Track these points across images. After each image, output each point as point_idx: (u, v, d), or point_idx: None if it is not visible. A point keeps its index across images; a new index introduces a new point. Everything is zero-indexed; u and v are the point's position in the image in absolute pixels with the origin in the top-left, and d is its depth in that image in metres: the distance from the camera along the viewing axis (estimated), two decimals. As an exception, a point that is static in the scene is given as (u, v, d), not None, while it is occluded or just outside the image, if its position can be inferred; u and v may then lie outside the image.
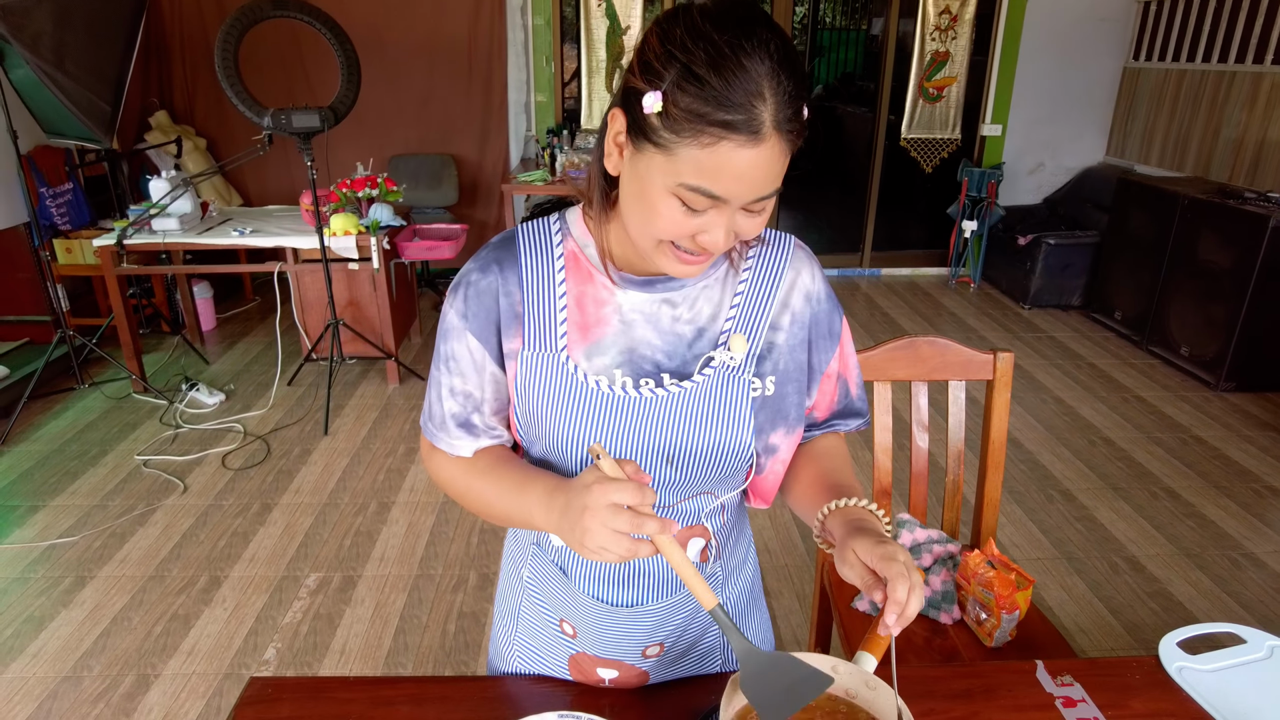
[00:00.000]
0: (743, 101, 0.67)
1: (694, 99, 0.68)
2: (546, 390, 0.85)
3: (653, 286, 0.87)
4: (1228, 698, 1.00)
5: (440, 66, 4.98)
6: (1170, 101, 4.86)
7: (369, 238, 3.53)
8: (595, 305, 0.86)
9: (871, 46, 5.85)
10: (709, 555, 0.96)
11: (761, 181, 0.71)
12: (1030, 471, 3.12)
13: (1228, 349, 3.76)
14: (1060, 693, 1.00)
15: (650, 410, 0.84)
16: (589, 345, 0.86)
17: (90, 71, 3.37)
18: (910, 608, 0.74)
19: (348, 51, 3.28)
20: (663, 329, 0.87)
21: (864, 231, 5.71)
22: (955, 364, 1.62)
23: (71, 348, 3.59)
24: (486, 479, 0.89)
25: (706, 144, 0.68)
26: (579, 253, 0.87)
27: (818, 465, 0.94)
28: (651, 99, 0.70)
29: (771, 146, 0.69)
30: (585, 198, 0.87)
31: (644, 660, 0.98)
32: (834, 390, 0.97)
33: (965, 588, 1.51)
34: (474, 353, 0.87)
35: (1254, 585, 2.47)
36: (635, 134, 0.73)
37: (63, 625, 2.26)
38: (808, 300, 0.91)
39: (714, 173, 0.70)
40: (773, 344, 0.89)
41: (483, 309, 0.86)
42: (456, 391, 0.89)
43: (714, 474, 0.88)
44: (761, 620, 1.11)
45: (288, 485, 2.98)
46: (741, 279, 0.89)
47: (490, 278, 0.86)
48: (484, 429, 0.91)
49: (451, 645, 2.21)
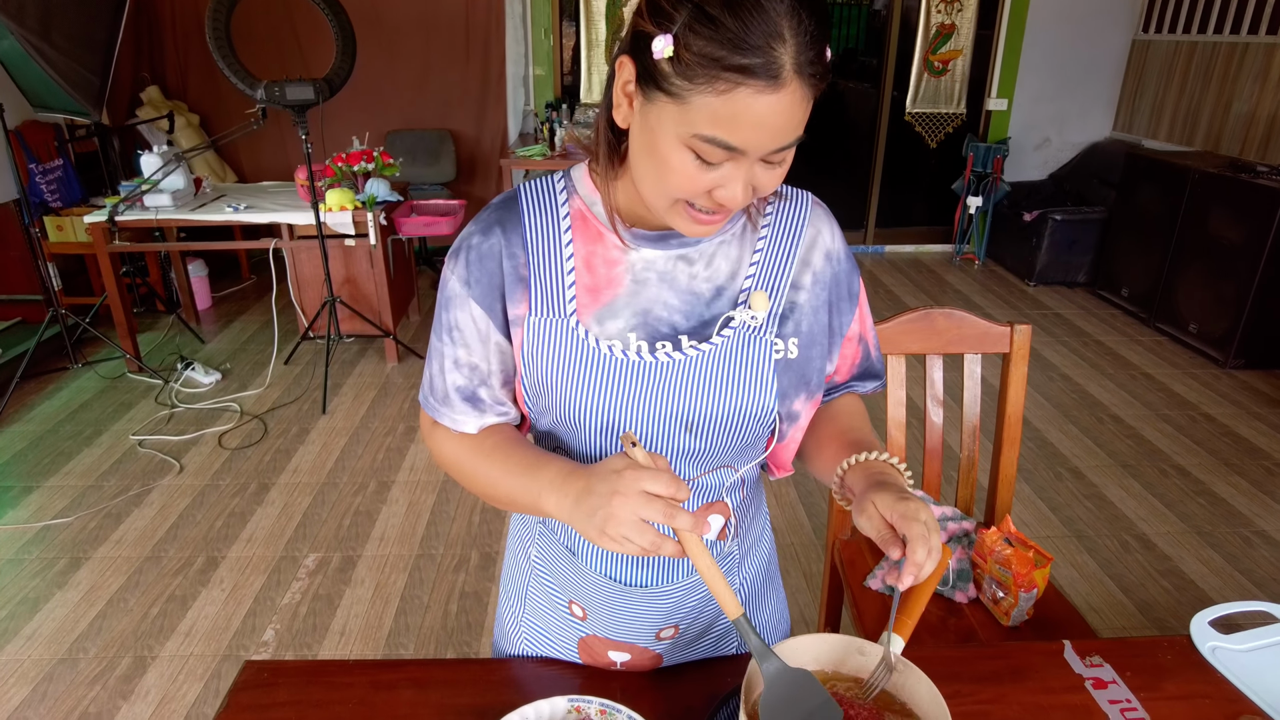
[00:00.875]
0: (760, 43, 0.62)
1: (708, 42, 0.62)
2: (556, 358, 0.80)
3: (667, 242, 0.81)
4: (1263, 678, 0.96)
5: (437, 40, 4.89)
6: (1180, 75, 4.78)
7: (365, 213, 3.46)
8: (606, 265, 0.81)
9: (874, 22, 5.76)
10: (728, 533, 0.92)
11: (782, 130, 0.66)
12: (1038, 449, 3.08)
13: (1237, 326, 3.71)
14: (1090, 674, 0.96)
15: (667, 375, 0.79)
16: (600, 309, 0.81)
17: (77, 42, 3.29)
18: (925, 570, 0.72)
19: (342, 22, 3.20)
20: (679, 288, 0.82)
21: (867, 208, 5.64)
22: (971, 336, 1.57)
23: (64, 327, 3.54)
24: (492, 459, 0.84)
25: (722, 90, 0.63)
26: (586, 211, 0.82)
27: (837, 423, 0.91)
28: (662, 43, 0.64)
29: (792, 92, 0.64)
30: (591, 153, 0.81)
31: (658, 643, 0.93)
32: (855, 353, 0.93)
33: (981, 566, 1.47)
34: (478, 321, 0.82)
35: (1266, 563, 2.44)
36: (645, 82, 0.68)
37: (58, 607, 2.23)
38: (828, 259, 0.87)
39: (730, 122, 0.64)
40: (795, 304, 0.84)
41: (485, 274, 0.81)
42: (461, 363, 0.84)
43: (735, 442, 0.83)
44: (778, 598, 1.08)
45: (285, 465, 2.93)
46: (761, 235, 0.84)
47: (493, 240, 0.81)
48: (491, 404, 0.86)
49: (454, 626, 2.18)
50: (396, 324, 3.84)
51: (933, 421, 1.60)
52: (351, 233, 3.50)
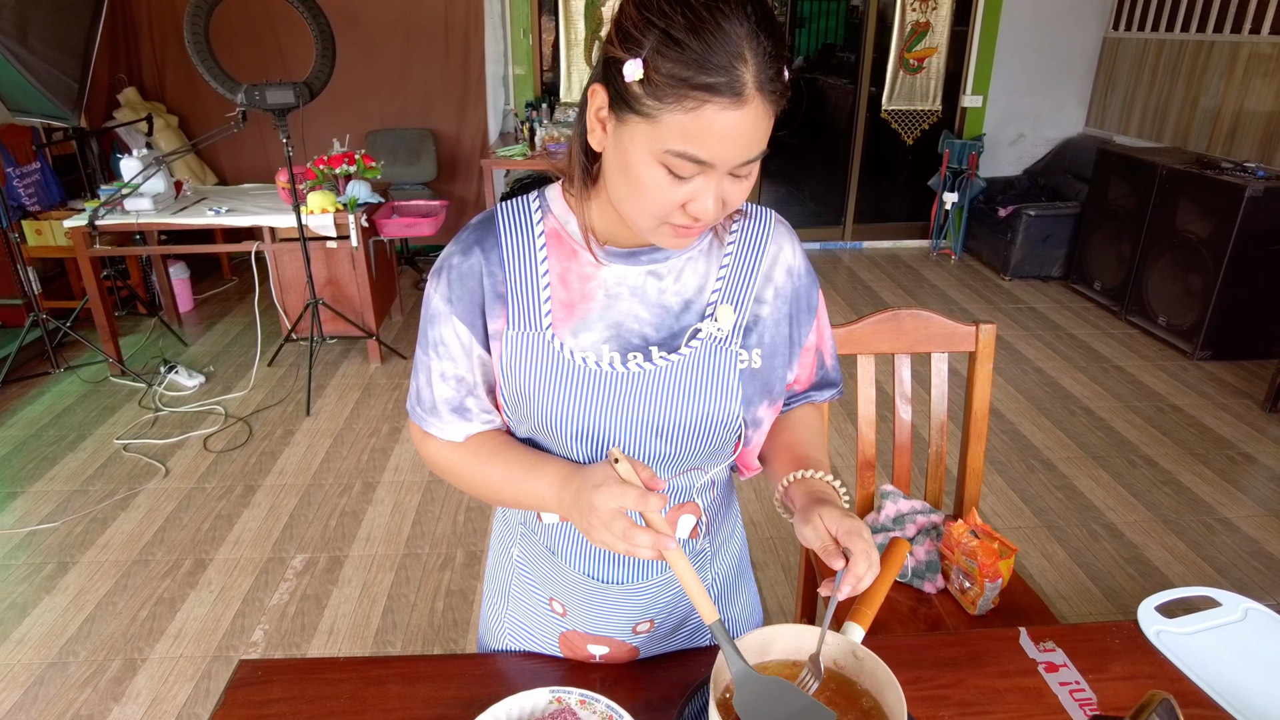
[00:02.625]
0: (724, 64, 0.66)
1: (675, 64, 0.67)
2: (533, 370, 0.84)
3: (637, 259, 0.86)
4: (1204, 659, 1.02)
5: (417, 40, 4.89)
6: (1150, 71, 4.87)
7: (347, 215, 3.48)
8: (580, 281, 0.86)
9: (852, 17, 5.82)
10: (699, 532, 0.97)
11: (747, 144, 0.71)
12: (1011, 441, 3.16)
13: (1204, 318, 3.81)
14: (1043, 658, 1.02)
15: (639, 385, 0.84)
16: (575, 322, 0.85)
17: (55, 46, 3.29)
18: (864, 583, 0.78)
19: (322, 25, 3.21)
20: (649, 301, 0.86)
21: (846, 204, 5.71)
22: (938, 336, 1.62)
23: (45, 331, 3.54)
24: (493, 464, 0.89)
25: (690, 108, 0.68)
26: (560, 229, 0.86)
27: (790, 435, 0.96)
28: (633, 67, 0.69)
29: (755, 108, 0.69)
30: (566, 175, 0.86)
31: (634, 636, 0.98)
32: (813, 363, 0.99)
33: (949, 557, 1.53)
34: (461, 337, 0.87)
35: (1227, 549, 2.52)
36: (618, 105, 0.72)
37: (46, 611, 2.25)
38: (789, 274, 0.92)
39: (699, 136, 0.69)
40: (758, 317, 0.89)
41: (466, 292, 0.85)
42: (448, 376, 0.89)
43: (704, 447, 0.88)
44: (750, 594, 1.12)
45: (271, 467, 2.96)
46: (726, 251, 0.89)
47: (472, 260, 0.85)
48: (478, 412, 0.91)
49: (440, 623, 2.22)
50: (379, 325, 3.87)
51: (902, 418, 1.65)
52: (333, 235, 3.52)
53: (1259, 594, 2.32)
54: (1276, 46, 3.96)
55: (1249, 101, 4.13)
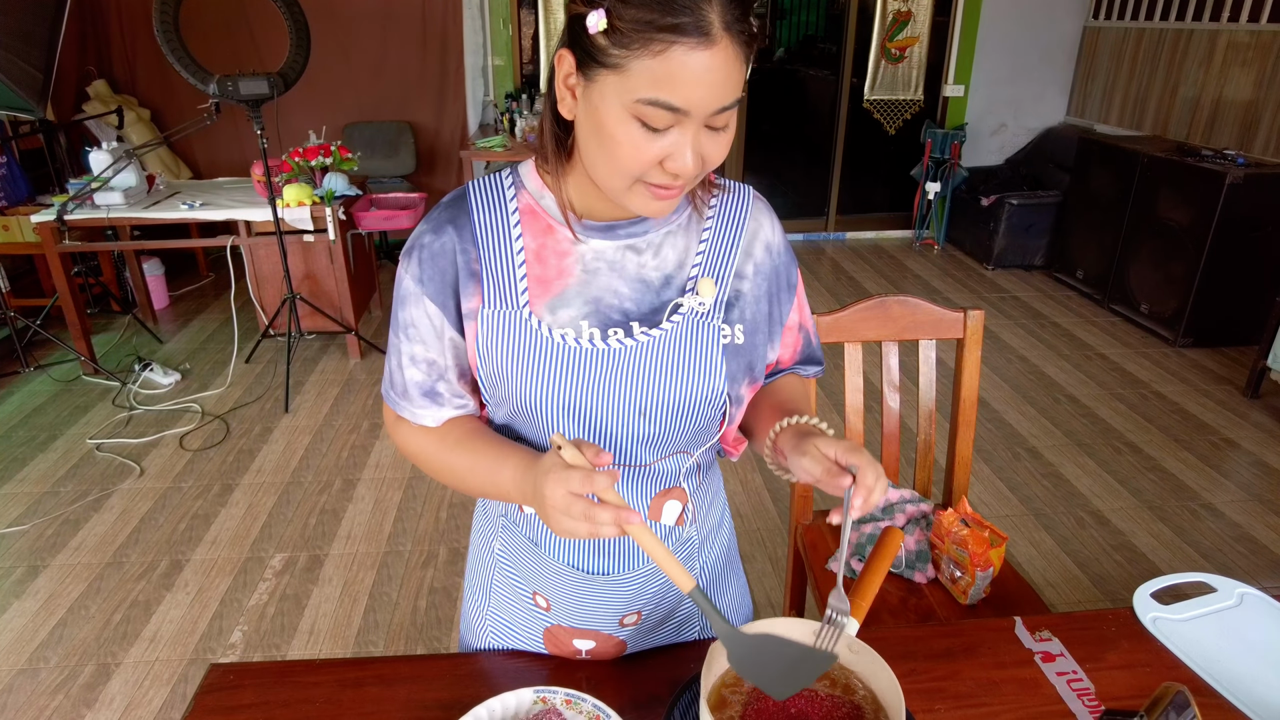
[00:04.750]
0: (688, 3, 0.65)
1: (638, 8, 0.66)
2: (510, 348, 0.82)
3: (615, 232, 0.83)
4: (1201, 646, 1.00)
5: (394, 30, 4.82)
6: (1130, 60, 4.89)
7: (324, 208, 3.42)
8: (556, 257, 0.83)
9: (833, 9, 5.80)
10: (685, 519, 0.94)
11: (720, 88, 0.68)
12: (997, 430, 3.15)
13: (1186, 305, 3.83)
14: (1039, 648, 1.00)
15: (620, 361, 0.81)
16: (552, 298, 0.83)
17: (18, 36, 3.19)
18: (874, 497, 0.75)
19: (296, 14, 3.14)
20: (629, 276, 0.84)
21: (829, 195, 5.69)
22: (926, 323, 1.60)
23: (14, 330, 3.45)
24: (458, 453, 0.87)
25: (658, 51, 0.66)
26: (535, 205, 0.84)
27: (776, 397, 0.94)
28: (595, 17, 0.67)
29: (724, 49, 0.67)
30: (539, 152, 0.83)
31: (621, 629, 0.95)
32: (796, 340, 0.98)
33: (939, 547, 1.50)
34: (432, 318, 0.84)
35: (1212, 534, 2.53)
36: (585, 65, 0.70)
37: (16, 617, 2.18)
38: (768, 252, 0.90)
39: (669, 81, 0.67)
40: (739, 292, 0.87)
41: (438, 271, 0.83)
42: (419, 359, 0.86)
43: (689, 425, 0.85)
44: (739, 584, 1.10)
45: (249, 465, 2.90)
46: (706, 225, 0.87)
47: (444, 238, 0.83)
48: (450, 397, 0.88)
49: (423, 621, 2.18)
50: (358, 319, 3.81)
51: (889, 407, 1.63)
52: (310, 229, 3.46)
53: (1244, 578, 2.31)
54: (1254, 35, 3.98)
55: (1228, 90, 4.15)
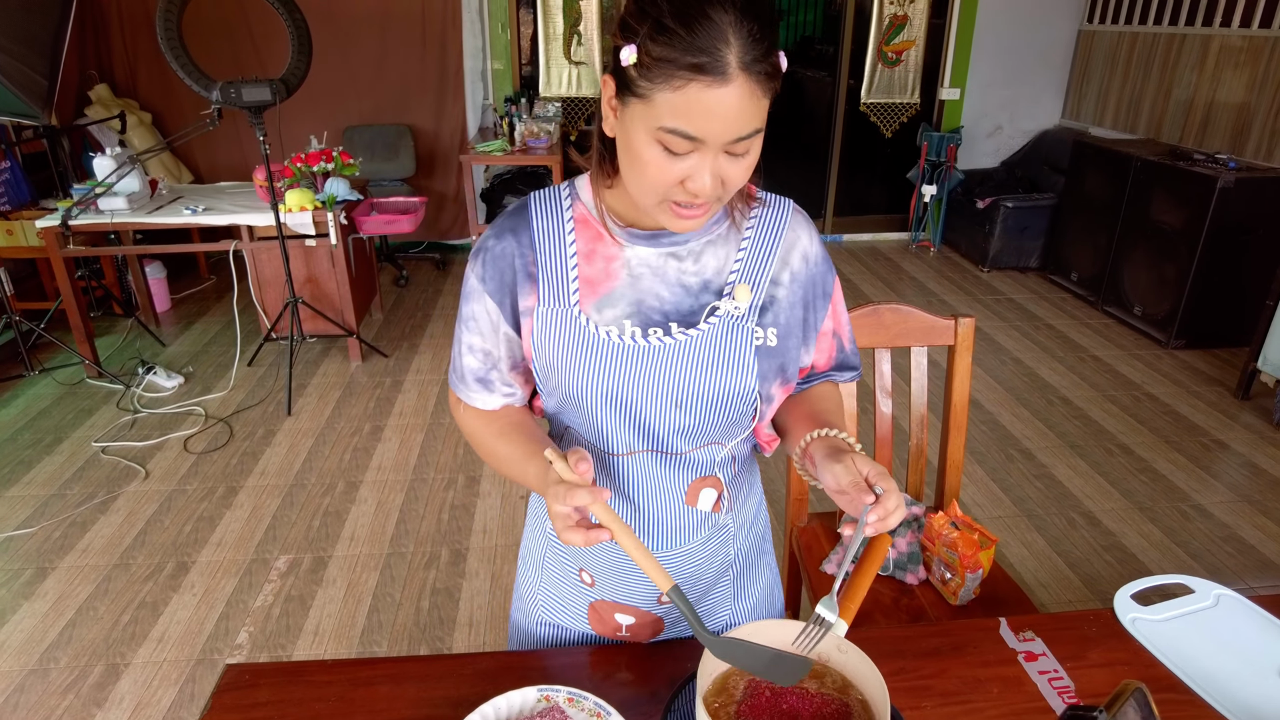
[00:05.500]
0: (707, 46, 0.71)
1: (664, 48, 0.73)
2: (561, 342, 0.90)
3: (658, 241, 0.91)
4: (1178, 645, 1.04)
5: (393, 34, 4.85)
6: (1124, 64, 4.93)
7: (326, 213, 3.45)
8: (605, 261, 0.92)
9: (831, 9, 5.83)
10: (721, 506, 1.01)
11: (734, 120, 0.75)
12: (991, 432, 3.20)
13: (1178, 307, 3.87)
14: (1023, 648, 1.04)
15: (659, 357, 0.89)
16: (599, 298, 0.91)
17: (24, 43, 3.23)
18: (890, 520, 0.81)
19: (297, 21, 3.17)
20: (669, 281, 0.92)
21: (826, 197, 5.73)
22: (918, 330, 1.64)
23: (19, 333, 3.48)
24: (500, 441, 0.97)
25: (678, 86, 0.73)
26: (588, 214, 0.93)
27: (812, 405, 1.01)
28: (628, 52, 0.75)
29: (740, 86, 0.73)
30: (589, 165, 0.92)
31: (659, 607, 1.03)
32: (831, 346, 1.04)
33: (930, 549, 1.55)
34: (490, 313, 0.93)
35: (1201, 535, 2.57)
36: (622, 92, 0.79)
37: (26, 618, 2.22)
38: (805, 260, 0.96)
39: (686, 113, 0.74)
40: (774, 297, 0.94)
41: (498, 273, 0.92)
42: (475, 349, 0.96)
43: (721, 418, 0.92)
44: (771, 573, 1.17)
45: (252, 467, 2.94)
46: (745, 236, 0.94)
47: (505, 243, 0.92)
48: (500, 385, 0.98)
49: (426, 622, 2.22)
50: (359, 322, 3.84)
51: (882, 411, 1.67)
52: (312, 233, 3.49)
53: (1231, 578, 2.37)
54: (1246, 39, 4.03)
55: (1220, 93, 4.20)
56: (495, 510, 2.70)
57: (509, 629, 1.19)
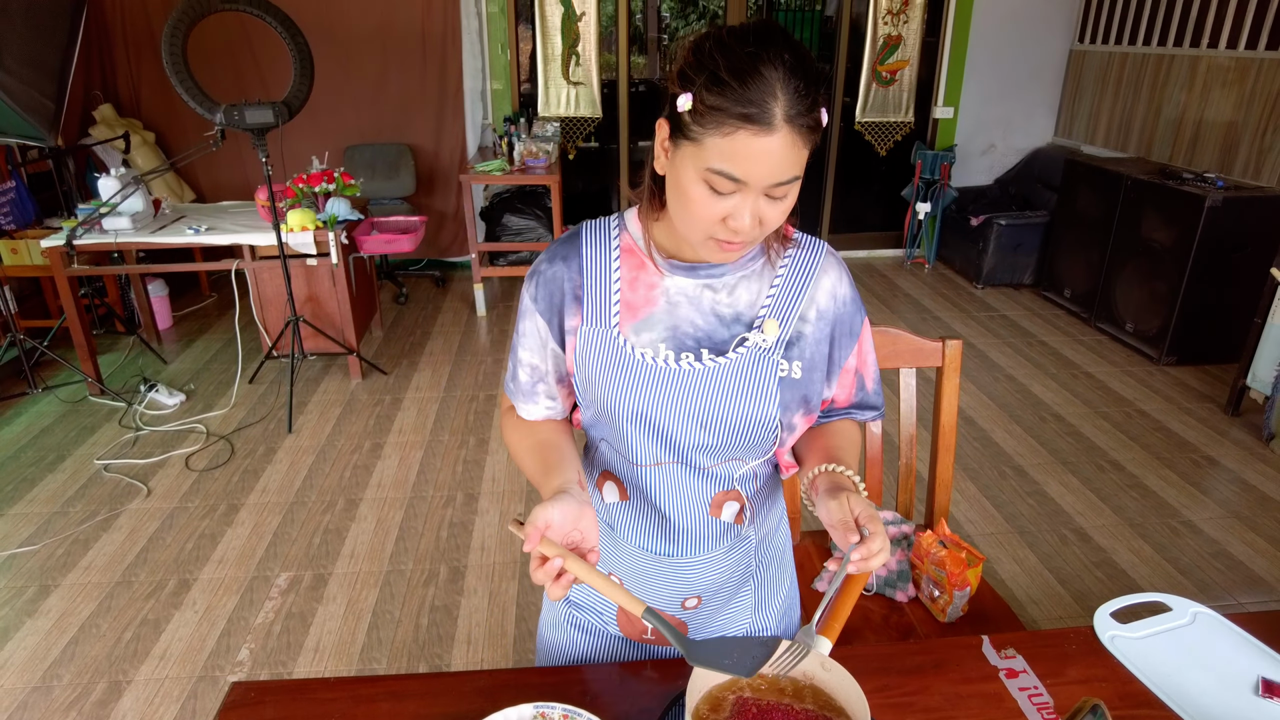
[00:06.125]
0: (757, 99, 0.79)
1: (718, 98, 0.80)
2: (600, 360, 0.97)
3: (696, 272, 0.98)
4: (1154, 662, 1.08)
5: (394, 55, 4.92)
6: (1114, 83, 5.00)
7: (327, 233, 3.50)
8: (646, 289, 0.99)
9: (826, 27, 5.92)
10: (744, 518, 1.06)
11: (777, 167, 0.82)
12: (984, 448, 3.23)
13: (1169, 324, 3.92)
14: (1004, 665, 1.07)
15: (688, 381, 0.96)
16: (638, 322, 0.98)
17: (31, 66, 3.28)
18: (873, 562, 0.87)
19: (300, 45, 3.23)
20: (704, 310, 0.98)
21: (821, 214, 5.79)
22: (906, 352, 1.68)
23: (22, 351, 3.52)
24: (531, 454, 1.04)
25: (727, 133, 0.80)
26: (634, 244, 1.00)
27: (827, 440, 1.06)
28: (684, 100, 0.83)
29: (784, 136, 0.80)
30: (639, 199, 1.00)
31: (683, 611, 1.09)
32: (852, 384, 1.08)
33: (919, 567, 1.58)
34: (539, 330, 1.02)
35: (1191, 551, 2.60)
36: (675, 135, 0.86)
37: (29, 635, 2.25)
38: (834, 299, 1.02)
39: (733, 157, 0.81)
40: (801, 333, 1.00)
41: (548, 294, 1.00)
42: (524, 363, 1.05)
43: (741, 441, 0.98)
44: (791, 585, 1.22)
45: (254, 485, 2.97)
46: (778, 274, 1.00)
47: (556, 267, 1.00)
48: (544, 397, 1.06)
49: (425, 639, 2.24)
50: (359, 340, 3.88)
51: (872, 432, 1.71)
52: (313, 252, 3.54)
53: (1220, 594, 2.40)
54: (1234, 60, 4.09)
55: (1208, 113, 4.26)
56: (493, 528, 2.73)
57: (537, 637, 1.24)
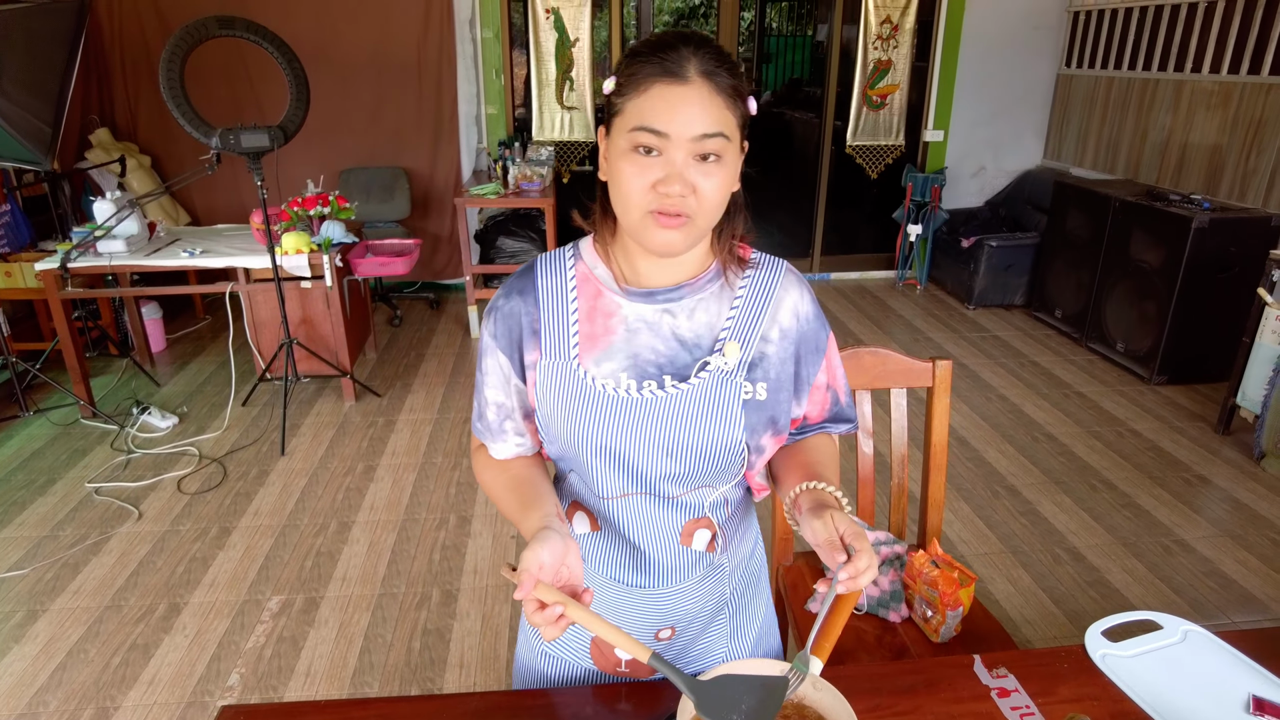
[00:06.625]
0: (670, 56, 0.84)
1: (635, 65, 0.86)
2: (561, 394, 0.96)
3: (654, 298, 0.97)
4: (1145, 680, 1.08)
5: (389, 79, 4.97)
6: (1101, 106, 5.07)
7: (321, 255, 3.51)
8: (604, 317, 0.98)
9: (818, 52, 6.00)
10: (716, 546, 1.05)
11: (696, 118, 0.84)
12: (977, 469, 3.24)
13: (1159, 344, 3.95)
14: (995, 684, 1.07)
15: (652, 409, 0.94)
16: (598, 353, 0.97)
17: (30, 91, 3.30)
18: (861, 580, 0.86)
19: (296, 70, 3.26)
20: (664, 336, 0.97)
21: (813, 236, 5.83)
22: (896, 372, 1.69)
23: (14, 374, 3.51)
24: (505, 492, 1.03)
25: (644, 89, 0.85)
26: (589, 273, 0.99)
27: (805, 456, 1.05)
28: (609, 82, 0.90)
29: (698, 88, 0.84)
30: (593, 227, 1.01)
31: (656, 643, 1.07)
32: (824, 399, 1.08)
33: (912, 587, 1.58)
34: (502, 367, 1.01)
35: (1184, 570, 2.61)
36: (607, 123, 0.90)
37: (15, 661, 2.22)
38: (797, 318, 1.01)
39: (651, 111, 0.84)
40: (764, 354, 0.99)
41: (507, 330, 1.00)
42: (490, 402, 1.03)
43: (709, 467, 0.97)
44: (767, 610, 1.20)
45: (246, 508, 2.95)
46: (737, 295, 0.99)
47: (513, 302, 1.00)
48: (513, 434, 1.04)
49: (417, 662, 2.23)
50: (353, 363, 3.88)
51: (864, 451, 1.72)
52: (308, 275, 3.55)
53: (1213, 612, 2.41)
54: (1217, 84, 4.16)
55: (1193, 135, 4.32)
56: (486, 551, 2.72)
57: (513, 666, 1.22)
